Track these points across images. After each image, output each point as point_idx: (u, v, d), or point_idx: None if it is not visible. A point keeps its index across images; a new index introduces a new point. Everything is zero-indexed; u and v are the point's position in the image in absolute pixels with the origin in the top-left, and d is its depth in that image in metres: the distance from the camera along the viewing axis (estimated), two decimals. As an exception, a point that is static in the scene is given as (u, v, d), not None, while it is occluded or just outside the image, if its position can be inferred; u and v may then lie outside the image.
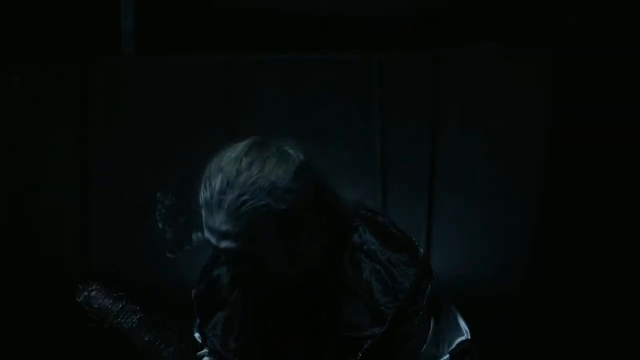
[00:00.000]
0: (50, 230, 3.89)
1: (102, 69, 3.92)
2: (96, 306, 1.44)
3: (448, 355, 1.42)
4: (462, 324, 1.49)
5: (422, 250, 1.42)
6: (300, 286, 1.35)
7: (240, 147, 1.37)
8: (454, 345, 1.43)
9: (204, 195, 1.35)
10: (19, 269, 3.73)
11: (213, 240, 1.32)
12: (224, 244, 1.29)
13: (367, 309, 1.32)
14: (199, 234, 3.93)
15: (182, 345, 1.46)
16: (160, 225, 3.90)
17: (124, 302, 1.46)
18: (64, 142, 3.93)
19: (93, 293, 1.47)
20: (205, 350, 1.58)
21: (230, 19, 4.14)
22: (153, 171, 3.94)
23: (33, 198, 3.87)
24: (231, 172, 1.33)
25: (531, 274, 3.90)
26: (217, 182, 1.36)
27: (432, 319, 1.39)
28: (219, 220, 1.29)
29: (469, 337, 1.46)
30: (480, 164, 3.93)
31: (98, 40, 3.98)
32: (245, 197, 1.25)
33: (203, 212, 1.35)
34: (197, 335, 1.63)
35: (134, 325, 1.42)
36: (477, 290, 1.63)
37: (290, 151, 1.29)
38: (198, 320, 1.60)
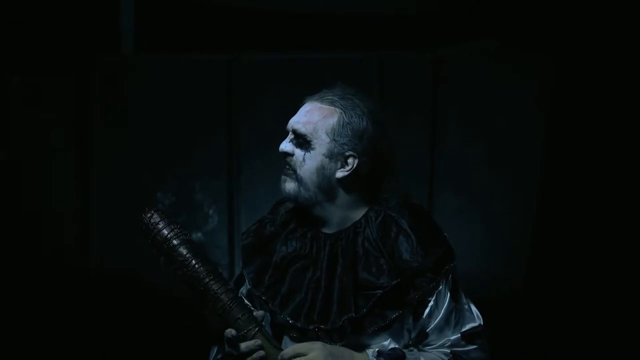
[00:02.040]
0: (50, 230, 3.89)
1: (102, 68, 3.92)
2: (152, 227, 1.51)
3: (460, 335, 1.55)
4: (476, 311, 1.60)
5: (446, 236, 1.59)
6: (337, 238, 1.56)
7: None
8: (466, 327, 1.56)
9: None
10: (19, 269, 3.73)
11: None
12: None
13: (386, 264, 1.50)
14: (199, 234, 3.93)
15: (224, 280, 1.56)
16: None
17: (177, 226, 1.53)
18: (64, 142, 3.93)
19: (152, 219, 1.53)
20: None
21: (231, 18, 4.14)
22: (153, 171, 3.94)
23: (33, 198, 3.88)
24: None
25: (530, 273, 3.91)
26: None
27: (450, 298, 1.54)
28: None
29: (482, 324, 1.58)
30: (480, 164, 3.93)
31: (98, 40, 3.98)
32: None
33: None
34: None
35: (184, 246, 1.50)
36: (476, 290, 1.66)
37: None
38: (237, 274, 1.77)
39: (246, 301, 1.62)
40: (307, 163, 1.53)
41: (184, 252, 1.53)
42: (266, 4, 4.15)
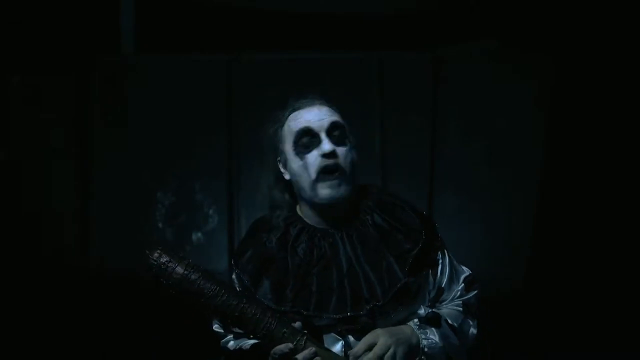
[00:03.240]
0: (50, 230, 3.89)
1: (102, 68, 3.92)
2: (164, 267, 1.49)
3: (463, 284, 1.74)
4: (461, 265, 1.79)
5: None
6: (347, 230, 1.65)
7: None
8: (463, 277, 1.76)
9: None
10: (19, 269, 3.73)
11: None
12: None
13: (401, 235, 1.65)
14: (199, 234, 3.93)
15: (243, 297, 1.56)
16: (160, 225, 3.90)
17: (188, 261, 1.52)
18: (64, 142, 3.93)
19: (161, 258, 1.52)
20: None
21: (231, 18, 4.14)
22: (153, 171, 3.94)
23: (33, 198, 3.88)
24: None
25: (530, 273, 3.91)
26: None
27: (447, 254, 1.73)
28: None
29: (471, 272, 1.78)
30: (480, 164, 3.93)
31: (98, 40, 3.98)
32: None
33: None
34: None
35: (199, 279, 1.50)
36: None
37: None
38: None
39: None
40: (349, 157, 1.63)
41: (208, 284, 1.52)
42: (266, 4, 4.16)
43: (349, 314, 1.57)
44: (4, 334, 3.47)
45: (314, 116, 1.64)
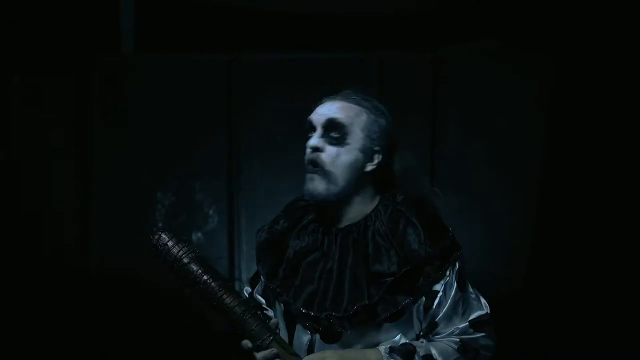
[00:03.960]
0: (50, 230, 3.89)
1: (102, 68, 3.92)
2: (162, 248, 1.53)
3: (467, 323, 1.60)
4: (482, 299, 1.66)
5: (451, 230, 1.66)
6: (348, 232, 1.62)
7: None
8: (473, 315, 1.62)
9: None
10: (19, 269, 3.73)
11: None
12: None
13: (395, 255, 1.56)
14: (199, 234, 3.93)
15: (229, 283, 1.61)
16: (160, 225, 3.90)
17: (186, 244, 1.56)
18: (64, 142, 3.93)
19: (160, 240, 1.56)
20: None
21: (231, 18, 4.14)
22: (153, 171, 3.94)
23: (33, 198, 3.88)
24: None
25: (530, 273, 3.91)
26: None
27: (457, 287, 1.60)
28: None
29: (488, 312, 1.64)
30: (480, 164, 3.93)
31: (98, 40, 3.98)
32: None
33: None
34: (247, 289, 1.86)
35: (192, 260, 1.58)
36: (476, 289, 1.70)
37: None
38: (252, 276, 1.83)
39: (261, 299, 1.72)
40: (342, 158, 1.58)
41: (195, 269, 1.55)
42: (266, 4, 4.15)
43: (311, 313, 1.56)
44: (4, 334, 3.47)
45: (320, 110, 1.64)
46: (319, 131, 1.61)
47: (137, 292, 3.76)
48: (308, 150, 1.60)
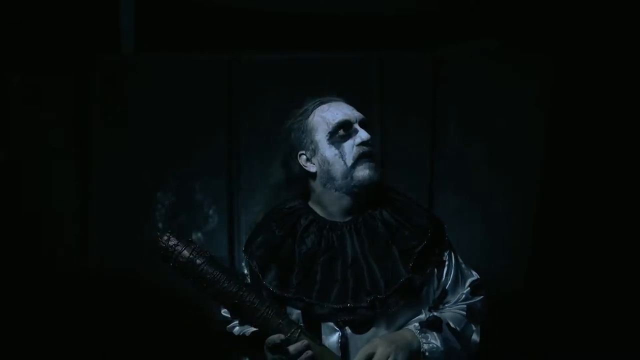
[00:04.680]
0: (50, 230, 3.89)
1: (102, 68, 3.92)
2: (172, 250, 1.53)
3: (469, 288, 1.76)
4: (468, 267, 1.81)
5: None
6: (356, 224, 1.69)
7: None
8: (469, 281, 1.78)
9: None
10: (18, 269, 3.73)
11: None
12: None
13: (408, 231, 1.68)
14: (199, 234, 3.93)
15: (242, 284, 1.61)
16: (160, 225, 3.90)
17: (195, 245, 1.61)
18: (64, 142, 3.93)
19: (169, 241, 1.56)
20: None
21: (231, 18, 4.14)
22: (153, 171, 3.94)
23: (33, 198, 3.87)
24: None
25: (530, 273, 3.90)
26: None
27: (454, 256, 1.76)
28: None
29: (479, 277, 1.81)
30: (480, 164, 3.93)
31: (98, 40, 3.98)
32: None
33: None
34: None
35: (204, 262, 1.58)
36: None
37: None
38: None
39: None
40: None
41: (211, 269, 1.56)
42: (266, 4, 4.16)
43: (349, 304, 1.59)
44: (4, 334, 3.47)
45: (349, 109, 1.77)
46: (359, 127, 1.72)
47: (137, 292, 3.76)
48: (357, 147, 1.69)
